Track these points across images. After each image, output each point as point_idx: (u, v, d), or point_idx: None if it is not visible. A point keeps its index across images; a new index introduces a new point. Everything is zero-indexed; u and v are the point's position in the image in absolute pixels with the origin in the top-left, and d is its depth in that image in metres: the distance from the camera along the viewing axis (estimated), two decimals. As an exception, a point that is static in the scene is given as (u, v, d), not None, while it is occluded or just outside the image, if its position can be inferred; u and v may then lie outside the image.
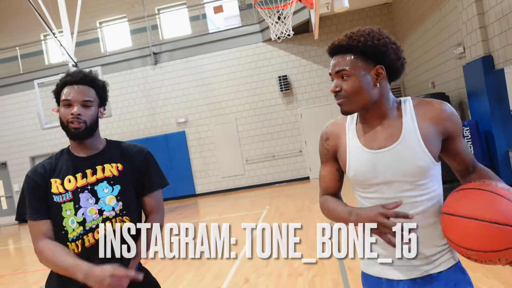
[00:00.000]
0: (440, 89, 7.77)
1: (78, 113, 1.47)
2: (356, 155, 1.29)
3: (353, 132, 1.32)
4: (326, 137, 1.38)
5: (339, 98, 1.26)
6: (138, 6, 12.41)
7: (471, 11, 5.85)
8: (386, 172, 1.24)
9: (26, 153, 12.43)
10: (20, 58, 12.73)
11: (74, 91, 1.49)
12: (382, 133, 1.27)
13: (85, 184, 1.49)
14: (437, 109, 1.25)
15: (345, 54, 1.26)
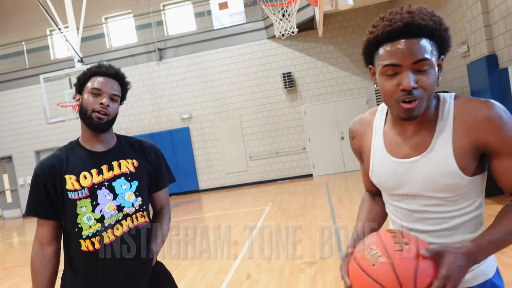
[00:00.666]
0: (444, 87, 7.76)
1: (107, 104, 1.47)
2: (380, 161, 1.13)
3: (380, 133, 1.14)
4: (352, 136, 1.25)
5: (412, 98, 0.98)
6: (143, 2, 12.44)
7: (476, 10, 5.83)
8: (409, 185, 1.07)
9: (31, 147, 12.53)
10: (26, 53, 12.81)
11: (106, 82, 1.50)
12: (411, 139, 1.07)
13: (101, 180, 1.46)
14: (477, 112, 1.01)
15: (418, 38, 0.98)
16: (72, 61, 10.14)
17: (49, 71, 10.36)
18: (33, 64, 12.67)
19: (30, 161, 12.59)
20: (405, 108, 0.99)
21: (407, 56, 0.97)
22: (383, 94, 1.04)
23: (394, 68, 0.99)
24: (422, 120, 1.05)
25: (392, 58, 0.98)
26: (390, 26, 0.99)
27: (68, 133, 12.20)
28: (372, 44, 1.04)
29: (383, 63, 1.00)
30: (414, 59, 0.97)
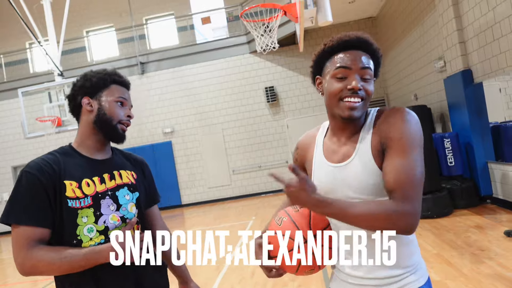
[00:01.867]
0: (423, 101, 7.96)
1: (132, 117, 1.50)
2: (319, 167, 1.25)
3: (320, 144, 1.29)
4: (296, 147, 1.39)
5: (357, 97, 1.13)
6: (125, 16, 12.43)
7: (451, 27, 6.05)
8: (345, 187, 1.17)
9: (9, 163, 12.19)
10: (4, 66, 12.56)
11: (126, 93, 1.50)
12: (343, 147, 1.21)
13: (104, 189, 1.35)
14: (391, 117, 1.13)
15: (367, 54, 1.17)
16: (52, 75, 9.99)
17: (28, 85, 10.17)
18: (11, 77, 12.42)
19: (7, 177, 12.22)
20: (349, 106, 1.13)
21: (357, 62, 1.14)
22: (329, 96, 1.18)
23: (345, 70, 1.14)
24: (352, 130, 1.20)
25: (344, 62, 1.15)
26: (345, 37, 1.18)
27: (46, 148, 11.93)
28: (325, 53, 1.21)
29: (336, 65, 1.16)
30: (362, 65, 1.14)
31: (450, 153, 5.99)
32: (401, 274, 1.15)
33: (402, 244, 1.16)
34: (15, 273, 6.62)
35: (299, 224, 1.19)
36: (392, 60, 9.99)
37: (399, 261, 1.15)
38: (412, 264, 1.17)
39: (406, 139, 1.08)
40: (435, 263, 3.86)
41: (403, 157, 1.07)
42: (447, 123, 7.02)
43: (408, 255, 1.17)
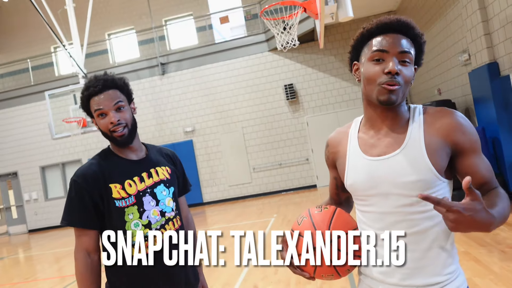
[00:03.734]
0: (446, 96, 7.79)
1: (118, 120, 1.48)
2: (355, 162, 1.17)
3: (354, 138, 1.21)
4: (327, 144, 1.33)
5: (395, 82, 1.07)
6: (145, 18, 12.64)
7: (476, 19, 5.89)
8: (384, 182, 1.10)
9: (36, 163, 12.61)
10: (31, 70, 12.99)
11: (102, 99, 1.48)
12: (385, 139, 1.14)
13: (144, 187, 1.51)
14: (447, 118, 1.10)
15: (406, 36, 1.12)
16: (76, 77, 10.27)
17: (54, 88, 10.49)
18: (38, 80, 12.83)
19: (35, 177, 12.65)
20: (387, 90, 1.07)
21: (395, 46, 1.09)
22: (367, 80, 1.12)
23: (382, 53, 1.10)
24: (395, 122, 1.14)
25: (382, 45, 1.10)
26: (385, 20, 1.13)
27: (72, 148, 12.29)
28: (364, 37, 1.16)
29: (373, 48, 1.11)
30: (401, 49, 1.09)
31: (476, 148, 5.84)
32: (441, 282, 1.08)
33: (444, 249, 1.09)
34: (44, 269, 6.86)
35: (317, 225, 1.17)
36: (414, 54, 9.79)
37: (440, 268, 1.08)
38: (453, 271, 1.10)
39: (476, 139, 1.11)
40: (463, 260, 3.79)
41: (480, 156, 1.11)
42: (472, 118, 6.85)
43: (450, 261, 1.10)
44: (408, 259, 1.08)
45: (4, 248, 10.43)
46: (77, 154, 12.36)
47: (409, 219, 1.08)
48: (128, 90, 1.59)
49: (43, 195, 12.63)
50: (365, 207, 1.17)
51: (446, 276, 1.08)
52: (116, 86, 1.53)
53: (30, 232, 12.64)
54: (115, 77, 1.55)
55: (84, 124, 8.85)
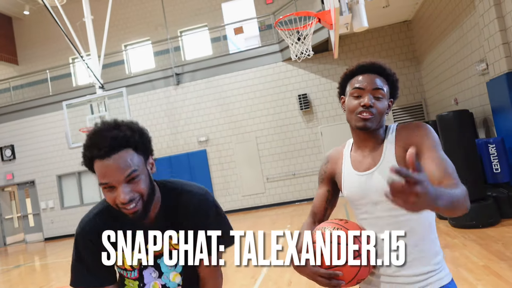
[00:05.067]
0: (464, 106, 7.65)
1: (130, 199, 1.14)
2: (348, 177, 1.41)
3: (347, 157, 1.46)
4: (326, 160, 1.53)
5: (369, 113, 1.32)
6: (161, 29, 12.85)
7: (493, 28, 5.80)
8: (372, 192, 1.33)
9: (53, 172, 12.82)
10: (50, 80, 13.30)
11: (109, 169, 1.13)
12: (368, 157, 1.39)
13: (147, 259, 1.31)
14: (411, 129, 1.34)
15: (381, 77, 1.38)
16: (93, 88, 10.47)
17: (71, 98, 10.70)
18: (56, 91, 13.12)
19: (52, 185, 12.86)
20: (362, 118, 1.33)
21: (369, 84, 1.35)
22: (348, 110, 1.39)
23: (359, 90, 1.36)
24: (375, 143, 1.38)
25: (359, 83, 1.37)
26: (362, 63, 1.40)
27: (88, 157, 12.45)
28: (347, 76, 1.43)
29: (353, 86, 1.38)
30: (374, 87, 1.35)
31: (496, 159, 5.70)
32: (431, 271, 1.28)
33: (430, 241, 1.30)
34: (59, 277, 6.91)
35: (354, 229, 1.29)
36: (429, 64, 9.69)
37: (428, 259, 1.28)
38: (439, 262, 1.29)
39: (433, 140, 1.29)
40: (483, 275, 3.67)
41: (436, 152, 1.26)
42: (491, 128, 6.70)
43: (434, 253, 1.29)
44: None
45: (21, 256, 10.58)
46: (92, 163, 12.50)
47: (397, 221, 1.29)
48: (146, 144, 1.22)
49: (59, 204, 12.82)
50: (361, 214, 1.39)
51: (434, 266, 1.28)
52: (129, 145, 1.16)
53: (46, 240, 12.81)
54: (127, 133, 1.17)
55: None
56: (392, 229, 1.26)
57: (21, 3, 13.39)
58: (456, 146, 5.58)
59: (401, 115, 10.89)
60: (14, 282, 7.21)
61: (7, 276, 7.86)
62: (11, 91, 13.65)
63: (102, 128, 1.18)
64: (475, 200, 5.41)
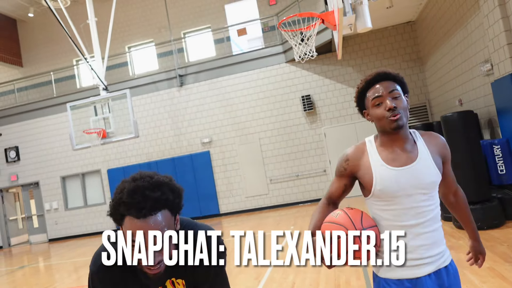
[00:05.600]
0: (468, 107, 7.61)
1: (158, 263, 1.14)
2: (382, 172, 1.52)
3: (375, 154, 1.57)
4: (346, 158, 1.62)
5: (396, 113, 1.49)
6: (164, 31, 12.88)
7: (498, 28, 5.77)
8: (407, 186, 1.48)
9: (58, 173, 12.87)
10: (54, 82, 13.36)
11: (142, 229, 1.10)
12: (402, 154, 1.53)
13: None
14: (437, 138, 1.61)
15: (390, 81, 1.55)
16: (97, 89, 10.50)
17: (75, 99, 10.74)
18: (60, 92, 13.18)
19: (56, 187, 12.91)
20: (393, 120, 1.48)
21: (384, 89, 1.52)
22: (377, 120, 1.55)
23: (379, 98, 1.52)
24: (406, 142, 1.54)
25: (376, 93, 1.54)
26: (368, 78, 1.58)
27: (92, 159, 12.51)
28: (361, 93, 1.60)
29: (372, 97, 1.54)
30: (389, 90, 1.52)
31: (501, 161, 5.66)
32: (443, 250, 1.54)
33: (440, 227, 1.55)
34: (62, 278, 6.93)
35: (353, 218, 1.46)
36: (433, 65, 9.65)
37: (441, 240, 1.54)
38: (445, 243, 1.57)
39: (450, 154, 1.63)
40: (488, 277, 3.64)
41: (450, 164, 1.65)
42: (495, 129, 6.65)
43: (443, 236, 1.56)
44: (426, 238, 1.49)
45: (25, 257, 10.61)
46: (96, 165, 12.57)
47: (425, 210, 1.50)
48: (179, 204, 1.21)
49: (63, 205, 12.86)
50: (389, 206, 1.51)
51: (444, 246, 1.56)
52: (167, 206, 1.14)
53: (50, 241, 12.85)
54: (169, 196, 1.15)
55: (104, 135, 9.00)
56: (419, 218, 1.48)
57: (25, 5, 13.47)
58: (460, 147, 5.55)
59: (405, 116, 10.84)
60: (19, 283, 7.24)
61: (12, 277, 7.89)
62: (15, 93, 13.73)
63: (144, 186, 1.12)
64: (479, 201, 5.37)
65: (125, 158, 12.38)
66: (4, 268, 9.14)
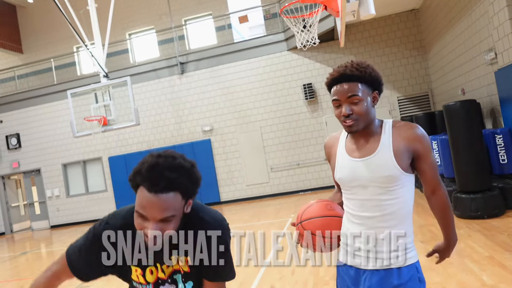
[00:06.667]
0: (471, 96, 7.56)
1: (154, 236, 1.18)
2: (342, 161, 1.58)
3: (342, 144, 1.63)
4: (325, 145, 1.73)
5: (350, 120, 1.49)
6: (165, 18, 12.76)
7: (503, 16, 5.69)
8: (363, 177, 1.51)
9: (59, 160, 12.90)
10: (54, 69, 13.30)
11: (151, 205, 1.15)
12: (364, 146, 1.55)
13: (164, 277, 1.37)
14: (409, 131, 1.51)
15: (353, 82, 1.50)
16: (98, 77, 10.44)
17: (76, 87, 10.69)
18: (60, 80, 13.12)
19: (57, 174, 12.95)
20: (346, 125, 1.53)
21: (343, 94, 1.52)
22: (336, 116, 1.57)
23: (337, 101, 1.54)
24: (369, 133, 1.55)
25: (335, 95, 1.54)
26: (332, 76, 1.56)
27: (93, 146, 12.51)
28: (328, 86, 1.60)
29: (332, 98, 1.57)
30: (347, 95, 1.51)
31: (503, 150, 5.65)
32: (403, 250, 1.50)
33: (406, 224, 1.52)
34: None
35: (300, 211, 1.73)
36: (437, 53, 9.57)
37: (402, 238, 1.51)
38: (410, 242, 1.53)
39: (428, 145, 1.52)
40: (488, 265, 3.66)
41: (431, 157, 1.54)
42: (498, 119, 6.62)
43: (409, 234, 1.53)
44: (380, 232, 1.49)
45: (27, 243, 10.71)
46: (97, 152, 12.58)
47: (382, 204, 1.49)
48: (194, 191, 1.24)
49: (64, 192, 12.92)
50: (349, 195, 1.57)
51: (406, 246, 1.49)
52: (180, 188, 1.18)
53: (52, 228, 12.95)
54: (183, 179, 1.18)
55: (104, 123, 8.99)
56: (375, 211, 1.49)
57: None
58: (462, 136, 5.52)
59: (407, 105, 10.80)
60: (22, 268, 7.31)
61: (15, 262, 7.97)
62: (16, 80, 13.68)
63: (164, 165, 1.16)
64: (480, 190, 5.37)
65: (126, 146, 12.38)
66: (7, 254, 9.23)
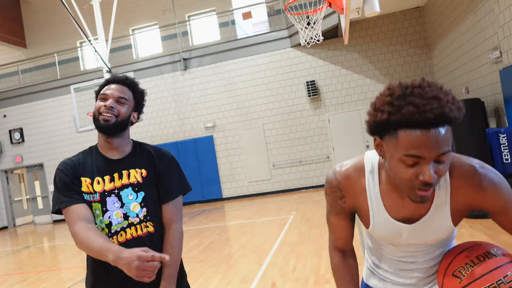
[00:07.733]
0: (475, 94, 7.52)
1: (111, 106, 1.50)
2: (381, 221, 1.17)
3: (377, 196, 1.16)
4: (340, 195, 1.20)
5: (429, 188, 0.98)
6: (169, 13, 12.73)
7: (509, 14, 5.65)
8: (409, 240, 1.17)
9: (62, 155, 12.92)
10: (58, 64, 13.31)
11: (112, 88, 1.55)
12: (411, 204, 1.11)
13: (112, 188, 1.50)
14: (475, 184, 1.06)
15: (443, 127, 0.94)
16: (101, 72, 10.45)
17: (79, 82, 10.71)
18: (64, 75, 13.14)
19: (60, 169, 12.98)
20: (421, 195, 1.00)
21: (432, 150, 0.93)
22: (397, 178, 1.02)
23: (416, 159, 0.95)
24: None
25: (416, 150, 0.94)
26: (417, 114, 0.91)
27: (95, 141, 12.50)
28: (389, 124, 0.97)
29: (404, 152, 0.95)
30: (439, 153, 0.94)
31: (506, 149, 5.62)
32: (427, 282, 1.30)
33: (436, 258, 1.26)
34: (67, 259, 7.03)
35: None
36: (441, 51, 9.51)
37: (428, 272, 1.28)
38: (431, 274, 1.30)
39: (508, 200, 1.08)
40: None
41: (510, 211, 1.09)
42: (502, 118, 6.59)
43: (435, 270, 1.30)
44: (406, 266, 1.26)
45: (30, 237, 10.77)
46: (100, 147, 12.59)
47: (425, 260, 1.23)
48: (140, 100, 1.63)
49: (67, 187, 12.95)
50: (382, 246, 1.28)
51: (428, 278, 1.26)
52: (132, 88, 1.59)
53: (54, 222, 13.01)
54: (136, 82, 1.62)
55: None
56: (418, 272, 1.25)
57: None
58: (466, 135, 5.50)
59: (410, 103, 10.74)
60: (25, 262, 7.36)
61: (18, 256, 8.01)
62: (19, 74, 13.70)
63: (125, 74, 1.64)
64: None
65: (129, 141, 12.38)
66: (10, 248, 9.29)
